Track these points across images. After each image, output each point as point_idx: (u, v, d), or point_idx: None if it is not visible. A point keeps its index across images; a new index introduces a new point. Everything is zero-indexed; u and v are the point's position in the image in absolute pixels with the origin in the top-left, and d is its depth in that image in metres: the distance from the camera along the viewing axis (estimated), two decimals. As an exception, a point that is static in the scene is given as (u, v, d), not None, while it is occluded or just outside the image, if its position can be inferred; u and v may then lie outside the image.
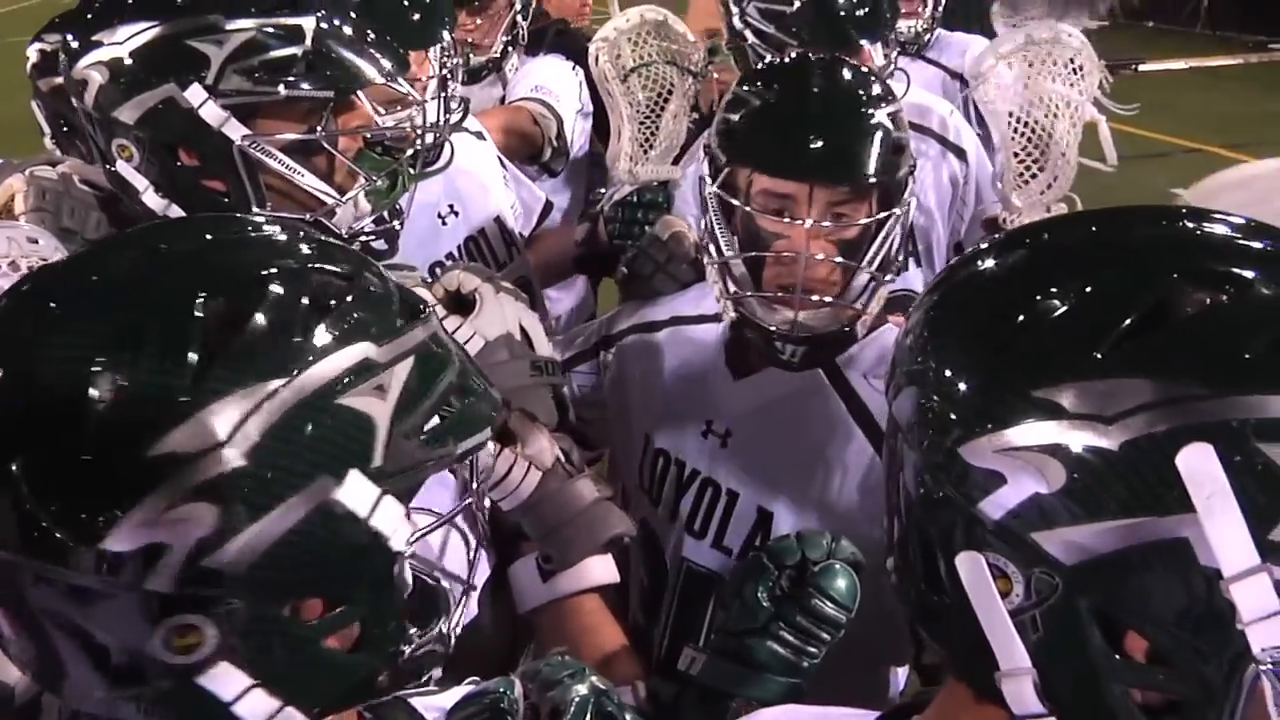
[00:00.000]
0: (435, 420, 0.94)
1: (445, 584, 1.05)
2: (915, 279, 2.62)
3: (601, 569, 1.50)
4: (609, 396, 2.02)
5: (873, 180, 1.65)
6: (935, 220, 2.63)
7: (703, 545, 1.84)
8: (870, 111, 1.70)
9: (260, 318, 0.88)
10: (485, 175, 2.67)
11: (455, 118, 2.44)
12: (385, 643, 0.96)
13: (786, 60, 1.88)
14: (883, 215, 1.66)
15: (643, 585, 1.95)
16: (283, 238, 0.99)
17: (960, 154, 2.63)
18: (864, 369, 1.76)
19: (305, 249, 0.97)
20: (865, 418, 1.74)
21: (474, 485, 1.06)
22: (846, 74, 1.78)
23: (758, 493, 1.79)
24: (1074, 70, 2.14)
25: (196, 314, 0.87)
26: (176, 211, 1.57)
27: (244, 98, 1.54)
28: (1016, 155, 2.17)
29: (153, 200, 1.57)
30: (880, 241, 1.67)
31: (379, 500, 0.90)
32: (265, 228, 1.01)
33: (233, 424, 0.84)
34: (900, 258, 1.73)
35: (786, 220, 1.65)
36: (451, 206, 2.57)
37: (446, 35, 2.43)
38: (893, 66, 2.54)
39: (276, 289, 0.90)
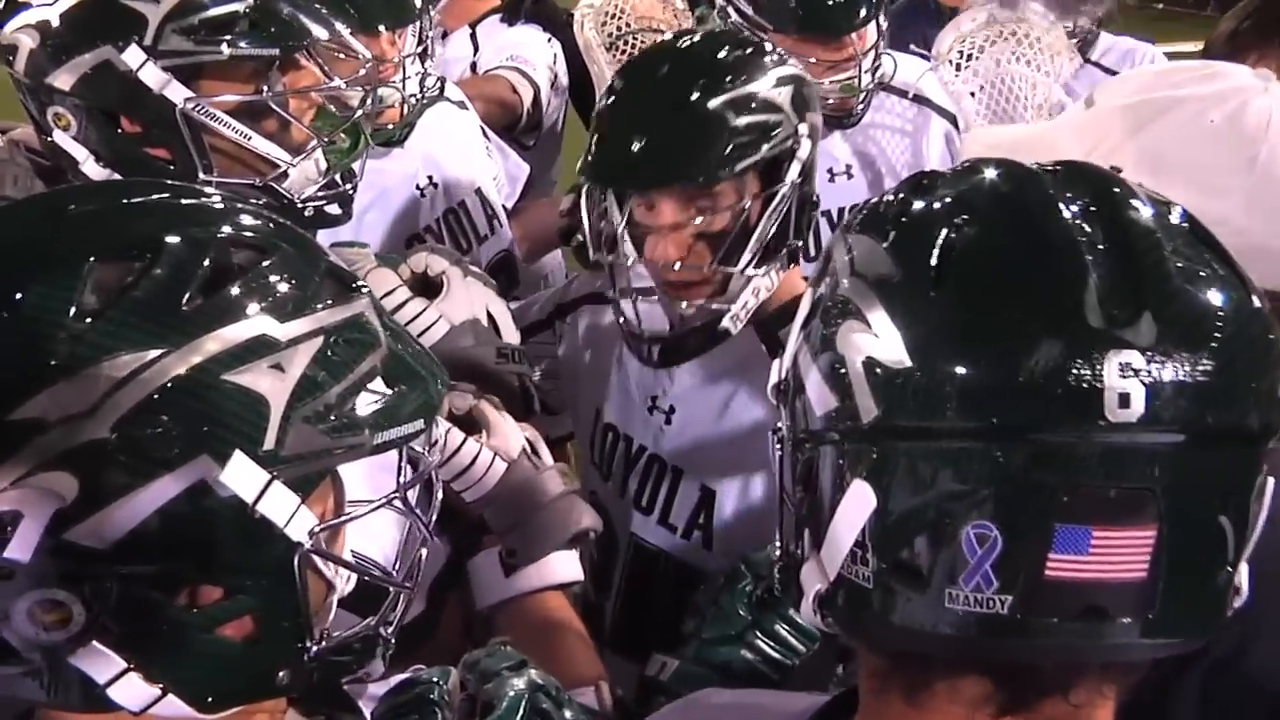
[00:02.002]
0: (354, 406, 0.91)
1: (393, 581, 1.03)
2: None
3: (566, 566, 1.46)
4: (563, 367, 2.04)
5: (695, 178, 1.64)
6: None
7: (650, 522, 1.86)
8: (698, 103, 1.64)
9: (148, 284, 0.85)
10: (466, 146, 2.65)
11: (431, 95, 2.36)
12: (286, 638, 0.93)
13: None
14: (726, 207, 1.66)
15: (592, 558, 1.94)
16: (200, 203, 0.96)
17: (955, 123, 2.55)
18: None
19: (220, 216, 0.93)
20: None
21: (400, 479, 1.01)
22: (682, 62, 1.71)
23: (700, 471, 1.81)
24: (1041, 51, 2.03)
25: (82, 277, 0.84)
26: None
27: (185, 58, 1.49)
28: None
29: (93, 171, 1.53)
30: (740, 234, 1.65)
31: (267, 486, 0.86)
32: (188, 193, 0.97)
33: (101, 392, 0.82)
34: (797, 243, 1.73)
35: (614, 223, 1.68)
36: (431, 178, 2.54)
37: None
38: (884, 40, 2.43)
39: (173, 255, 0.87)
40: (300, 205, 1.59)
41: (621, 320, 1.77)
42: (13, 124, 1.73)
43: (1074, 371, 0.78)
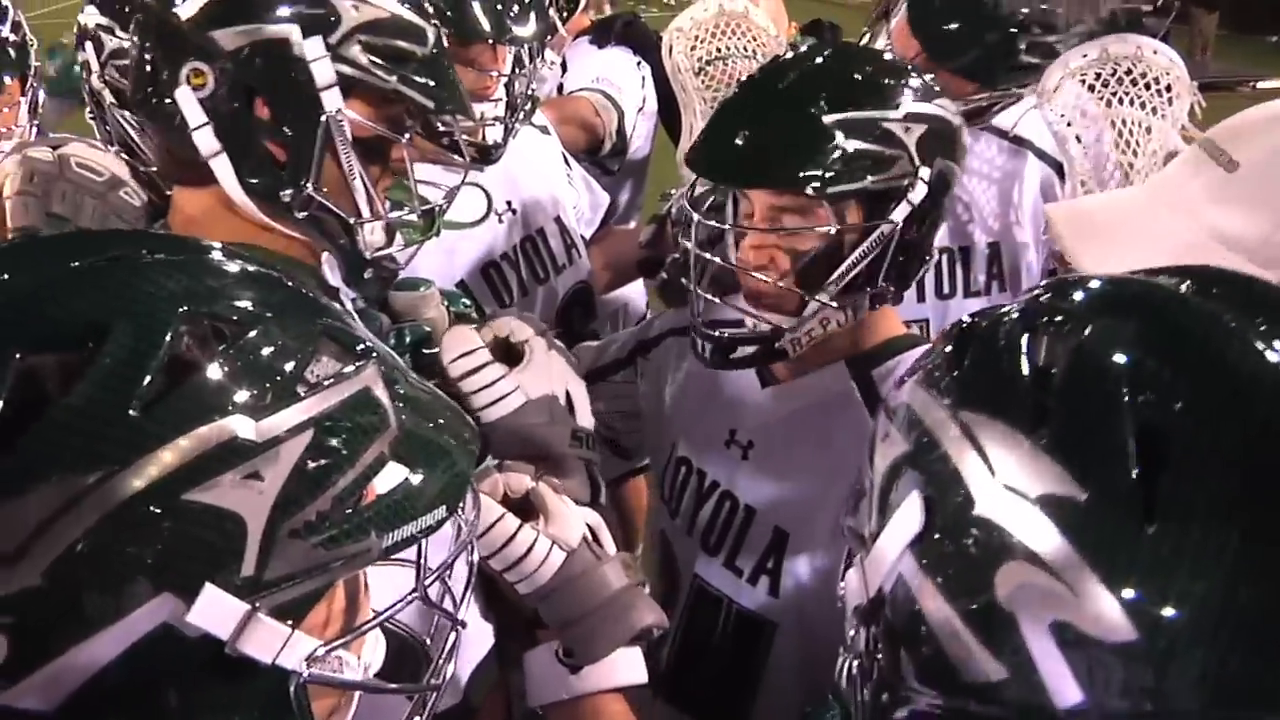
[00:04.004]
0: (356, 507, 0.79)
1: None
2: (998, 305, 2.43)
3: (629, 667, 1.35)
4: (645, 404, 2.03)
5: (782, 185, 1.62)
6: (1028, 241, 2.53)
7: (715, 563, 1.83)
8: (811, 115, 1.62)
9: (88, 385, 0.72)
10: (547, 172, 2.66)
11: (522, 116, 2.34)
12: None
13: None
14: (802, 228, 1.63)
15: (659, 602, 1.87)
16: (168, 262, 0.81)
17: (1059, 168, 2.49)
18: None
19: (190, 281, 0.79)
20: None
21: (420, 577, 0.89)
22: (812, 72, 1.70)
23: (775, 511, 1.78)
24: (1158, 91, 1.90)
25: (2, 380, 0.71)
26: (223, 163, 1.46)
27: (356, 72, 1.48)
28: (1084, 184, 1.94)
29: (205, 139, 1.46)
30: (826, 260, 1.64)
31: (248, 619, 0.75)
32: (161, 245, 0.83)
33: (30, 530, 0.69)
34: (887, 288, 1.68)
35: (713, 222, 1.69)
36: (509, 203, 2.51)
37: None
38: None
39: (121, 344, 0.73)
40: (368, 261, 1.56)
41: (691, 323, 1.76)
42: (63, 137, 1.72)
43: None
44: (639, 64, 3.21)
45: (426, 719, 0.91)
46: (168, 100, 1.45)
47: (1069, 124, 1.94)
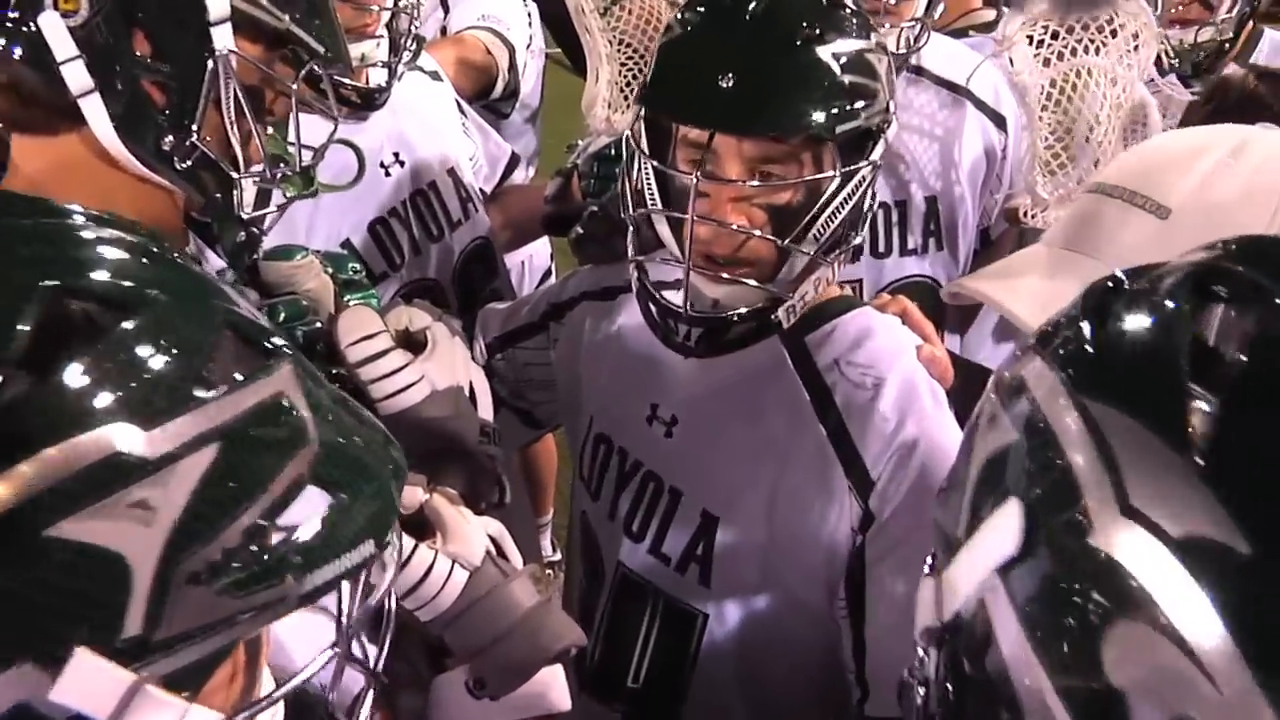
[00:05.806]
0: (268, 544, 0.65)
1: None
2: (935, 264, 2.44)
3: (549, 691, 1.28)
4: (558, 373, 1.93)
5: (798, 131, 1.49)
6: (965, 197, 2.45)
7: (640, 550, 1.74)
8: (805, 47, 1.51)
9: None
10: (439, 120, 2.54)
11: (407, 57, 2.18)
12: None
13: None
14: (814, 177, 1.50)
15: (581, 588, 1.89)
16: (32, 227, 0.66)
17: (999, 121, 2.45)
18: (837, 353, 1.63)
19: (60, 252, 0.65)
20: (828, 409, 1.60)
21: (342, 630, 0.76)
22: (781, 3, 1.57)
23: (703, 493, 1.69)
24: (1125, 40, 1.81)
25: None
26: (95, 104, 1.30)
27: (248, 7, 1.37)
28: (1045, 138, 1.84)
29: (76, 75, 1.30)
30: (817, 212, 1.51)
31: (133, 693, 0.61)
32: (17, 208, 0.68)
33: None
34: (858, 240, 1.60)
35: (686, 173, 1.51)
36: (397, 155, 2.38)
37: None
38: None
39: None
40: (244, 222, 1.44)
41: (652, 299, 1.59)
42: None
43: None
44: (525, 1, 3.12)
45: None
46: (28, 27, 1.30)
47: (1029, 73, 1.84)
